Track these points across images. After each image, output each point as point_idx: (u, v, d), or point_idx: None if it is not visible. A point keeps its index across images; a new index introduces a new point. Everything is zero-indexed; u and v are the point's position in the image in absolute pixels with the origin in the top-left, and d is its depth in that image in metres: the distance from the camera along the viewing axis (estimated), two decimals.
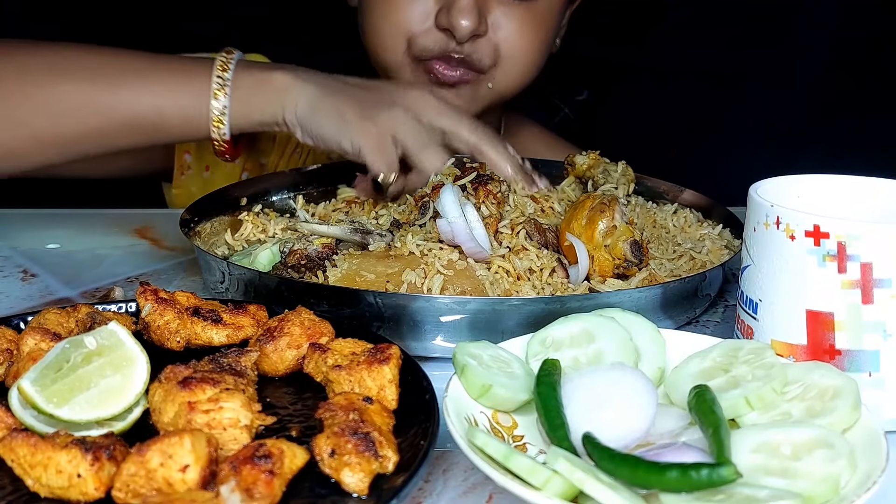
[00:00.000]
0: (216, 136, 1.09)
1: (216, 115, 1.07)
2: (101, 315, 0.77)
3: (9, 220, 1.27)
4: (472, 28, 1.21)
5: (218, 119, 1.08)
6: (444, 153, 1.05)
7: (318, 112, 1.06)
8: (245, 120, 1.09)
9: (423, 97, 1.08)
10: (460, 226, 0.89)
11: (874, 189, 0.81)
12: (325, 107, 1.06)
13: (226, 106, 1.07)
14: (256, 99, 1.08)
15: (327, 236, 0.96)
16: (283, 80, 1.08)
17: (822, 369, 0.68)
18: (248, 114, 1.09)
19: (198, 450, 0.57)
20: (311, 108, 1.06)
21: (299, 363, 0.74)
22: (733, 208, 1.08)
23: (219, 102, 1.07)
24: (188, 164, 1.41)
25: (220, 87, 1.07)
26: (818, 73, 1.97)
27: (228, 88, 1.07)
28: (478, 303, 0.82)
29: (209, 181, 1.41)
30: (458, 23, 1.21)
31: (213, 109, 1.07)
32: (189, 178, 1.41)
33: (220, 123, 1.08)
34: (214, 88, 1.07)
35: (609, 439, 0.60)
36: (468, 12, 1.21)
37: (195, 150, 1.40)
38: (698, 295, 0.93)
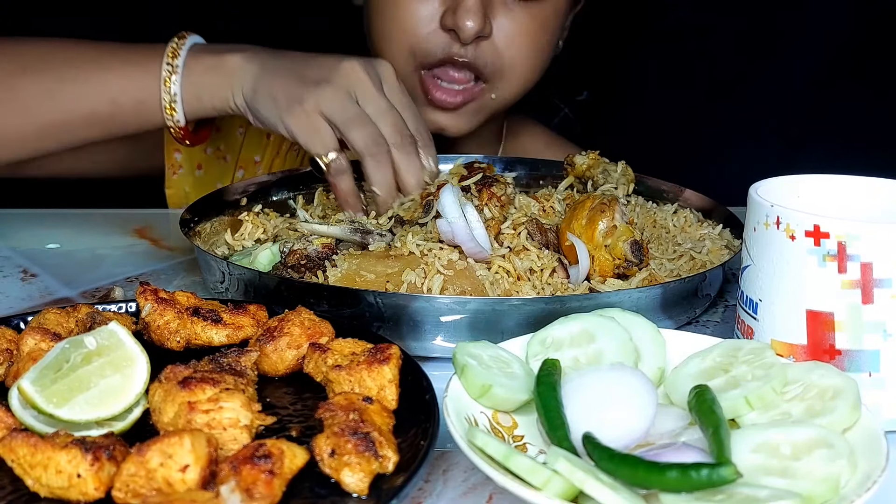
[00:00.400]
0: (170, 123, 1.09)
1: (167, 103, 1.07)
2: (101, 315, 0.77)
3: (9, 220, 1.27)
4: (478, 29, 1.20)
5: (170, 106, 1.08)
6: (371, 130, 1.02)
7: (257, 95, 1.06)
8: (198, 105, 1.09)
9: (353, 71, 1.04)
10: (460, 226, 0.89)
11: (874, 189, 0.81)
12: (262, 90, 1.05)
13: (176, 93, 1.07)
14: (207, 84, 1.08)
15: (327, 236, 0.96)
16: (233, 62, 1.07)
17: (822, 369, 0.68)
18: (199, 99, 1.08)
19: (198, 450, 0.57)
20: (252, 91, 1.06)
21: (299, 363, 0.74)
22: (733, 208, 1.08)
23: (169, 89, 1.07)
24: (179, 162, 1.40)
25: (170, 73, 1.06)
26: (818, 73, 1.97)
27: (178, 75, 1.06)
28: (478, 303, 0.82)
29: (201, 180, 1.41)
30: (464, 23, 1.20)
31: (163, 97, 1.07)
32: (181, 178, 1.41)
33: (173, 110, 1.08)
34: (164, 76, 1.07)
35: (609, 439, 0.60)
36: (474, 13, 1.20)
37: (185, 150, 1.40)
38: (698, 295, 0.93)
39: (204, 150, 1.41)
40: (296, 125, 1.03)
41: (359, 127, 1.02)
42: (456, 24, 1.21)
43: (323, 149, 1.03)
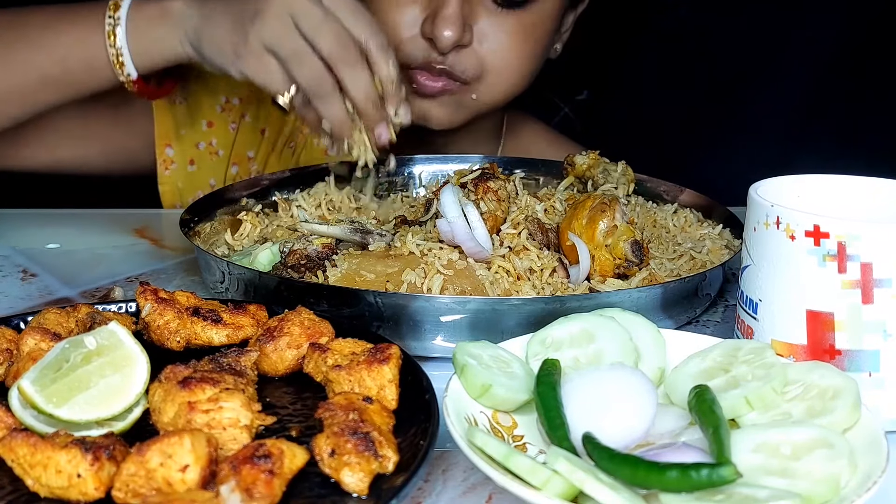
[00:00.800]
0: (122, 78, 1.07)
1: (114, 58, 1.05)
2: (101, 315, 0.77)
3: (9, 220, 1.27)
4: (455, 39, 1.18)
5: (118, 61, 1.06)
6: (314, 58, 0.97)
7: (203, 44, 1.03)
8: (147, 58, 1.07)
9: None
10: (460, 226, 0.89)
11: (874, 189, 0.81)
12: (206, 37, 1.02)
13: (122, 46, 1.04)
14: (152, 35, 1.05)
15: (327, 236, 0.96)
16: (177, 8, 1.04)
17: (822, 369, 0.68)
18: (147, 51, 1.06)
19: (198, 450, 0.57)
20: (197, 39, 1.03)
21: (299, 363, 0.74)
22: (733, 208, 1.08)
23: (115, 44, 1.04)
24: (171, 158, 1.39)
25: (113, 27, 1.04)
26: (818, 73, 1.97)
27: (122, 28, 1.04)
28: (478, 303, 0.82)
29: (194, 175, 1.40)
30: (441, 33, 1.18)
31: (109, 52, 1.05)
32: (174, 174, 1.39)
33: (122, 65, 1.06)
34: (108, 30, 1.05)
35: (609, 439, 0.60)
36: (451, 23, 1.18)
37: (177, 145, 1.38)
38: (698, 295, 0.93)
39: (196, 146, 1.39)
40: (247, 69, 0.99)
41: (299, 62, 0.97)
42: (433, 34, 1.19)
43: (281, 86, 0.99)
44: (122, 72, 1.07)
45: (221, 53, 1.01)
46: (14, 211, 1.32)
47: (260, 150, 1.44)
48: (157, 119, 1.35)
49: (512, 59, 1.25)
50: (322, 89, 0.98)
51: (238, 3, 1.01)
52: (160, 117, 1.35)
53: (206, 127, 1.40)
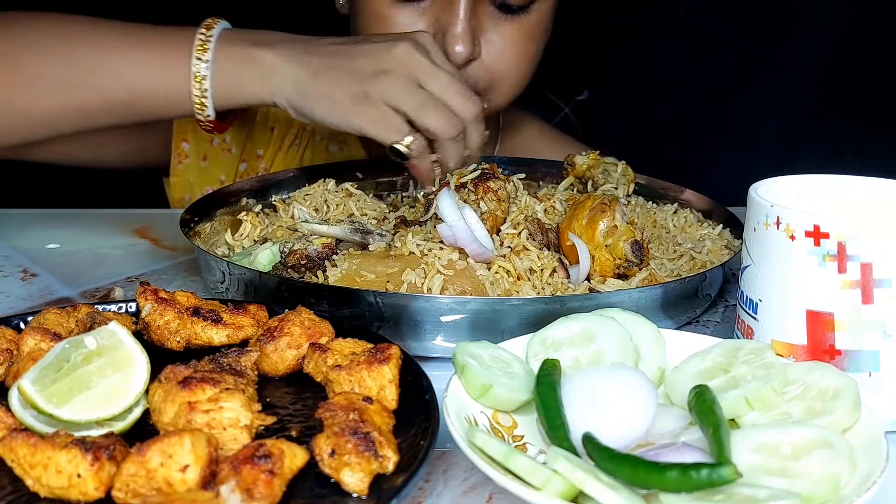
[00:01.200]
0: (200, 117, 1.08)
1: (198, 97, 1.06)
2: (101, 315, 0.77)
3: (9, 220, 1.27)
4: (468, 55, 1.19)
5: (200, 102, 1.06)
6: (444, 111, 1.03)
7: (308, 97, 1.05)
8: (229, 100, 1.08)
9: (410, 56, 1.04)
10: (461, 228, 0.89)
11: (874, 189, 0.81)
12: (312, 92, 1.04)
13: (207, 89, 1.05)
14: (240, 80, 1.06)
15: (327, 236, 0.96)
16: (268, 60, 1.05)
17: (822, 369, 0.68)
18: (231, 95, 1.07)
19: (198, 450, 0.57)
20: (299, 93, 1.05)
21: (299, 363, 0.74)
22: (733, 208, 1.08)
23: (200, 84, 1.05)
24: (186, 152, 1.40)
25: (200, 68, 1.05)
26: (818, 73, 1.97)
27: (209, 69, 1.05)
28: (478, 303, 0.82)
29: (206, 171, 1.41)
30: (453, 49, 1.18)
31: (193, 91, 1.06)
32: (186, 168, 1.40)
33: (203, 106, 1.07)
34: (194, 72, 1.05)
35: (609, 439, 0.60)
36: (462, 39, 1.18)
37: (193, 140, 1.39)
38: (698, 295, 0.93)
39: (210, 142, 1.40)
40: (364, 121, 1.03)
41: (431, 112, 1.03)
42: (445, 51, 1.18)
43: (399, 135, 1.03)
44: (203, 111, 1.08)
45: (334, 107, 1.04)
46: (14, 211, 1.32)
47: (269, 149, 1.44)
48: None
49: (517, 62, 1.27)
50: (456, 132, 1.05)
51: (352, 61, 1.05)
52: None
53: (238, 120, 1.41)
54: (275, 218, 1.09)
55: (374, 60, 1.04)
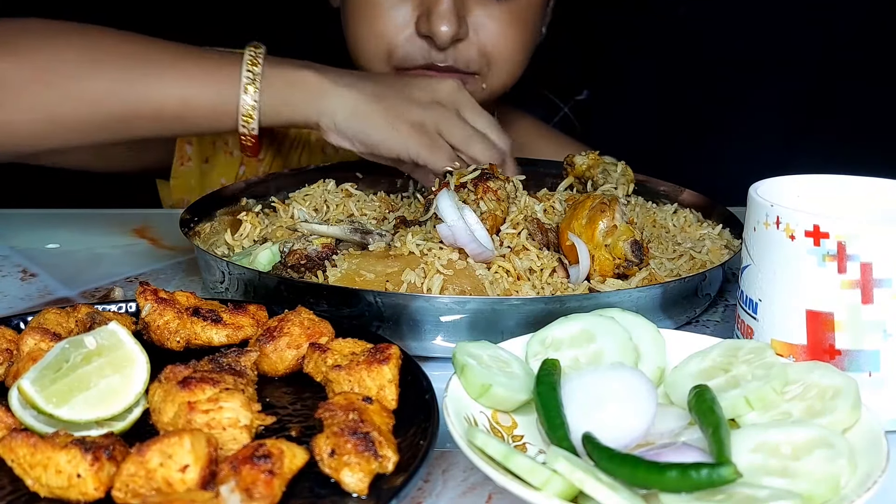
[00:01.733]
0: (245, 130, 1.09)
1: (246, 111, 1.07)
2: (100, 315, 0.77)
3: (8, 220, 1.27)
4: (453, 33, 1.21)
5: (248, 114, 1.07)
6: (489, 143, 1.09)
7: (363, 120, 1.08)
8: (275, 117, 1.09)
9: (458, 92, 1.12)
10: (461, 228, 0.89)
11: (874, 189, 0.81)
12: (369, 115, 1.08)
13: (256, 101, 1.07)
14: (289, 98, 1.08)
15: (327, 236, 0.96)
16: (316, 82, 1.08)
17: (822, 369, 0.68)
18: (278, 112, 1.09)
19: (197, 450, 0.57)
20: (354, 115, 1.08)
21: (299, 363, 0.74)
22: (733, 208, 1.08)
23: (249, 97, 1.07)
24: (188, 155, 1.40)
25: (251, 81, 1.07)
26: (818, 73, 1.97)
27: (259, 83, 1.07)
28: (477, 302, 0.82)
29: (206, 174, 1.41)
30: (438, 28, 1.20)
31: (242, 104, 1.07)
32: (188, 170, 1.41)
33: (250, 118, 1.08)
34: (245, 83, 1.06)
35: (609, 439, 0.60)
36: (447, 17, 1.20)
37: (196, 142, 1.40)
38: (698, 295, 0.93)
39: (213, 144, 1.41)
40: (422, 148, 1.07)
41: (477, 143, 1.09)
42: (430, 31, 1.21)
43: (449, 160, 1.08)
44: (248, 125, 1.08)
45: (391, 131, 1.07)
46: (14, 211, 1.32)
47: (268, 151, 1.44)
48: None
49: (511, 46, 1.28)
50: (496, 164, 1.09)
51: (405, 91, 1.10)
52: None
53: None
54: (275, 218, 1.09)
55: (428, 93, 1.10)
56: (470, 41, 1.25)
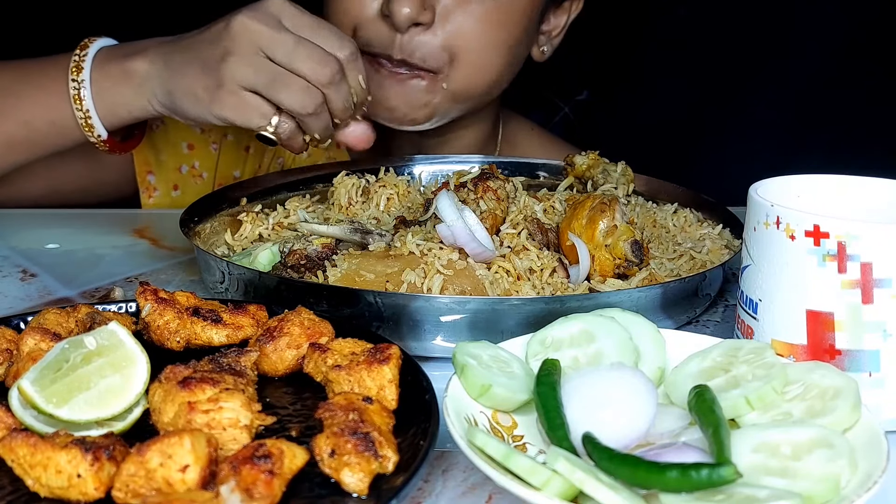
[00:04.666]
0: (92, 139, 1.06)
1: (82, 121, 1.04)
2: (101, 315, 0.77)
3: (8, 220, 1.27)
4: (412, 15, 1.12)
5: (86, 124, 1.05)
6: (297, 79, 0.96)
7: (174, 97, 1.01)
8: (115, 118, 1.06)
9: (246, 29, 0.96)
10: (460, 228, 0.89)
11: (874, 189, 0.81)
12: (176, 90, 1.01)
13: (89, 109, 1.04)
14: (119, 96, 1.04)
15: (327, 236, 0.96)
16: (141, 68, 1.03)
17: (822, 369, 0.68)
18: (115, 112, 1.05)
19: (198, 450, 0.57)
20: (167, 94, 1.02)
21: (299, 363, 0.74)
22: (733, 208, 1.08)
23: (81, 107, 1.04)
24: (153, 185, 1.37)
25: (78, 90, 1.03)
26: (818, 73, 1.97)
27: (87, 91, 1.03)
28: (477, 302, 0.82)
29: (179, 200, 1.37)
30: (397, 9, 1.11)
31: (77, 115, 1.04)
32: (158, 200, 1.37)
33: (90, 127, 1.05)
34: (73, 94, 1.03)
35: (609, 439, 0.60)
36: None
37: (158, 170, 1.36)
38: (698, 295, 0.93)
39: (178, 170, 1.37)
40: (227, 111, 0.98)
41: (281, 86, 0.96)
42: (390, 10, 1.13)
43: (263, 120, 0.98)
44: (92, 133, 1.06)
45: (197, 102, 1.00)
46: (14, 211, 1.32)
47: (246, 168, 1.41)
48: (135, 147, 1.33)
49: (480, 44, 1.19)
50: (314, 106, 0.98)
51: (200, 51, 0.99)
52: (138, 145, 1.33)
53: (186, 150, 1.37)
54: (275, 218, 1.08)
55: (215, 44, 0.98)
56: (434, 31, 1.16)
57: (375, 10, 1.17)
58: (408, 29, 1.15)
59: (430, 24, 1.16)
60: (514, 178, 1.07)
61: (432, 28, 1.16)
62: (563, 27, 1.35)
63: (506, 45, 1.22)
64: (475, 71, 1.21)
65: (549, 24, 1.33)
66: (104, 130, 1.06)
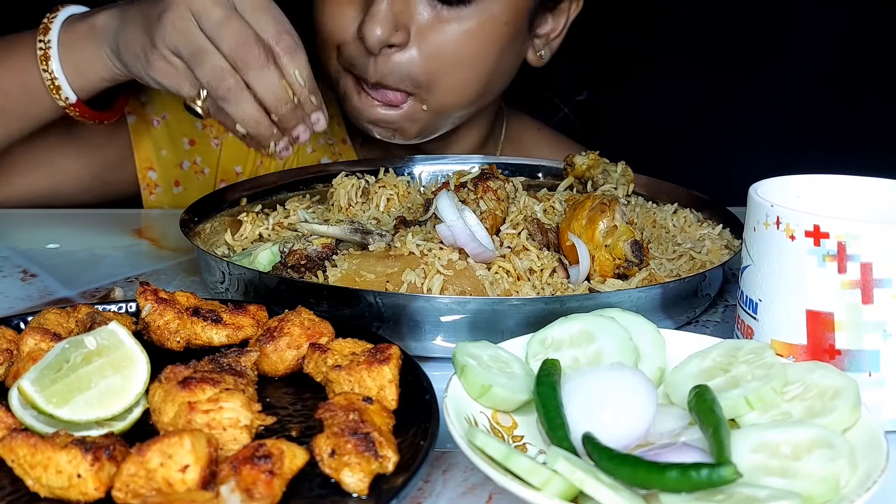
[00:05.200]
0: (62, 103, 1.04)
1: (49, 83, 1.02)
2: (101, 315, 0.77)
3: (9, 220, 1.27)
4: (382, 38, 1.11)
5: (53, 86, 1.02)
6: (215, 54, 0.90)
7: (122, 54, 0.98)
8: (83, 79, 1.03)
9: None
10: (460, 228, 0.89)
11: (874, 189, 0.81)
12: (122, 47, 0.98)
13: (55, 69, 1.01)
14: (83, 54, 1.01)
15: (327, 236, 0.96)
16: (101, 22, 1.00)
17: (822, 369, 0.68)
18: (81, 72, 1.02)
19: (198, 450, 0.57)
20: (116, 51, 0.99)
21: (299, 363, 0.74)
22: (733, 208, 1.08)
23: (48, 68, 1.01)
24: (154, 181, 1.36)
25: (45, 51, 1.01)
26: (818, 72, 1.97)
27: (54, 50, 1.00)
28: (478, 303, 0.82)
29: (181, 197, 1.36)
30: (369, 32, 1.10)
31: (43, 77, 1.02)
32: (159, 197, 1.36)
33: (58, 89, 1.02)
34: (39, 55, 1.01)
35: (609, 439, 0.60)
36: (379, 21, 1.10)
37: (159, 167, 1.35)
38: (698, 295, 0.93)
39: (180, 166, 1.36)
40: (159, 75, 0.93)
41: (200, 61, 0.90)
42: (362, 33, 1.12)
43: (191, 90, 0.92)
44: (60, 96, 1.04)
45: (137, 60, 0.95)
46: (14, 211, 1.32)
47: (248, 164, 1.40)
48: (134, 143, 1.32)
49: (459, 60, 1.17)
50: (225, 90, 0.91)
51: (147, 8, 0.95)
52: (138, 140, 1.32)
53: (187, 146, 1.36)
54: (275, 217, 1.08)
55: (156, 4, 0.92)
56: (410, 52, 1.15)
57: (353, 32, 1.16)
58: (380, 51, 1.14)
59: (404, 45, 1.14)
60: (514, 178, 1.07)
61: (407, 49, 1.15)
62: (563, 29, 1.33)
63: (487, 60, 1.20)
64: (453, 90, 1.20)
65: (546, 27, 1.31)
66: (72, 94, 1.03)
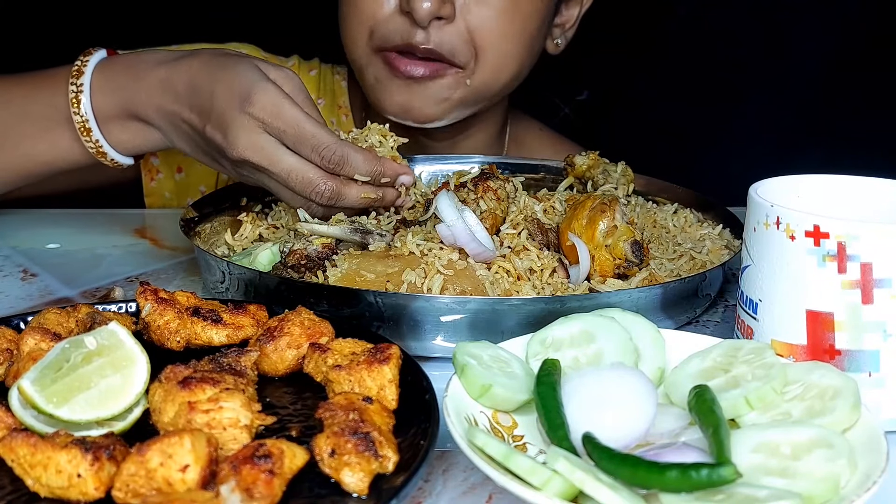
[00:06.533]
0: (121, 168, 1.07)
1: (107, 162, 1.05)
2: (101, 315, 0.77)
3: (9, 220, 1.27)
4: (433, 10, 1.12)
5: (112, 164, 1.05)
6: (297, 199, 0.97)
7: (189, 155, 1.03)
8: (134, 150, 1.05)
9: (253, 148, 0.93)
10: (460, 228, 0.89)
11: (874, 189, 0.81)
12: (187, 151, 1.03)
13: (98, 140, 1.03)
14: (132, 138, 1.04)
15: (327, 236, 0.96)
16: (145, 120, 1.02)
17: (822, 369, 0.68)
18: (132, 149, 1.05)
19: (198, 450, 0.57)
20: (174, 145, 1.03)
21: (299, 363, 0.74)
22: (733, 208, 1.08)
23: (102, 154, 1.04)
24: (156, 167, 1.36)
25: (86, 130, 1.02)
26: (818, 72, 1.97)
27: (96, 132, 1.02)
28: (478, 303, 0.82)
29: (183, 183, 1.36)
30: (418, 3, 1.11)
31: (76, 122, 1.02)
32: (160, 183, 1.36)
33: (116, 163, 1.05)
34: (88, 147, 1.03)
35: (609, 439, 0.60)
36: None
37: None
38: (698, 295, 0.93)
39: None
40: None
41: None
42: (410, 6, 1.13)
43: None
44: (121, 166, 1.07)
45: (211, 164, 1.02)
46: (14, 211, 1.32)
47: None
48: None
49: (502, 36, 1.19)
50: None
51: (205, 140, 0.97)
52: None
53: None
54: (275, 218, 1.08)
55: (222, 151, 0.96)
56: (456, 25, 1.16)
57: (392, 7, 1.17)
58: (429, 24, 1.15)
59: (451, 19, 1.16)
60: (514, 177, 1.07)
61: (454, 22, 1.17)
62: (576, 20, 1.36)
63: (525, 37, 1.23)
64: (500, 64, 1.22)
65: (562, 17, 1.34)
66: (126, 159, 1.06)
